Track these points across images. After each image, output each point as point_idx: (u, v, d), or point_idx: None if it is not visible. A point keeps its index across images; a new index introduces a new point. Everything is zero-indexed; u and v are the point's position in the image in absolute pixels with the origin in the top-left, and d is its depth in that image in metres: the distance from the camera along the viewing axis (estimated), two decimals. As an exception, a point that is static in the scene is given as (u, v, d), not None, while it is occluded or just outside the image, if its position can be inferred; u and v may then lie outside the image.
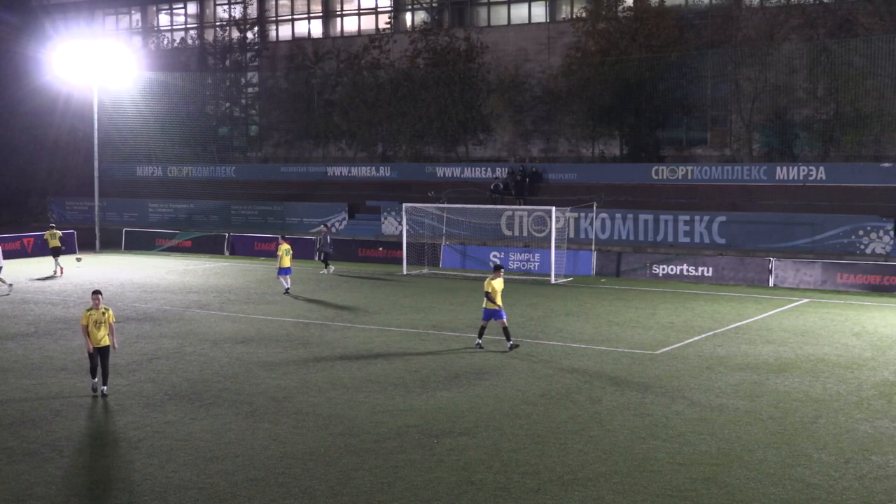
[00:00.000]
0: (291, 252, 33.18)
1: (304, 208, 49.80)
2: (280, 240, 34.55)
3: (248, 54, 61.61)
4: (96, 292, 18.40)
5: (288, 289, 32.56)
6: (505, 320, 22.67)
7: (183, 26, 66.46)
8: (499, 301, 22.50)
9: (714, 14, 47.80)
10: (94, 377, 18.22)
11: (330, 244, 39.05)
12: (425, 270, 39.02)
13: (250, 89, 63.02)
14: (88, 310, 18.22)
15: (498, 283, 22.61)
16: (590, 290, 33.67)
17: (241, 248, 45.34)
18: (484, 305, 22.74)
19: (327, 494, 13.07)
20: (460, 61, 51.73)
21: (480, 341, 22.95)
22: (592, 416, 16.95)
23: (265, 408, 17.48)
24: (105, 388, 18.09)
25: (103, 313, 18.13)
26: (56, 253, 37.82)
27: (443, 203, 42.12)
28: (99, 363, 18.08)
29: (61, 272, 37.28)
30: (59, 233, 38.89)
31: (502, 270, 23.50)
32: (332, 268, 38.49)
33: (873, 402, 17.93)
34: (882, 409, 17.44)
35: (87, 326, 18.02)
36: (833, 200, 39.00)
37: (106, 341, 18.13)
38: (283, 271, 32.67)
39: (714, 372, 20.37)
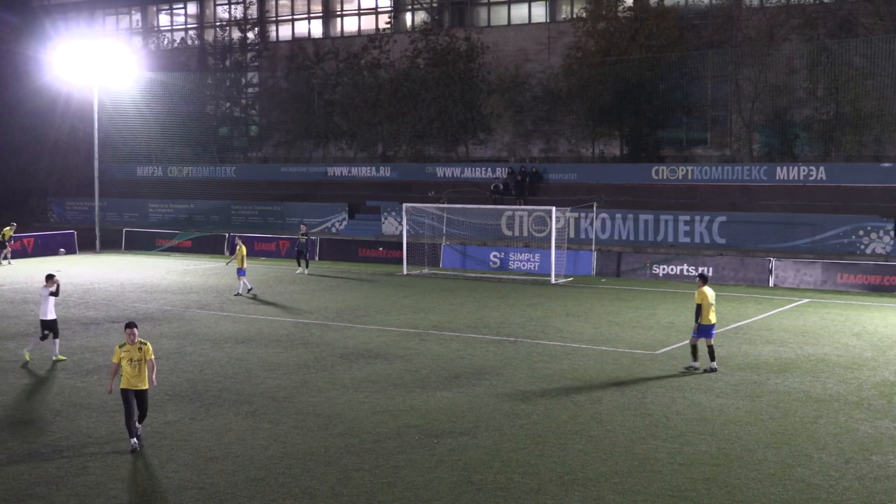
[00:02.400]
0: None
1: (304, 208, 49.78)
2: (237, 240, 34.03)
3: (249, 54, 61.62)
4: (131, 325, 15.30)
5: (240, 293, 31.88)
6: (713, 340, 20.46)
7: (183, 26, 66.48)
8: (710, 316, 20.20)
9: (714, 14, 47.81)
10: (131, 434, 14.99)
11: (305, 244, 38.48)
12: (425, 270, 39.01)
13: (250, 89, 63.05)
14: (122, 345, 15.18)
15: (703, 297, 20.16)
16: (590, 290, 33.67)
17: (241, 249, 45.27)
18: (702, 322, 20.20)
19: (327, 494, 13.07)
20: (460, 61, 51.74)
21: (696, 364, 20.38)
22: (592, 416, 16.94)
23: (265, 408, 17.47)
24: (140, 426, 15.24)
25: (140, 348, 15.07)
26: (2, 247, 41.83)
27: (443, 203, 42.13)
28: (135, 407, 15.08)
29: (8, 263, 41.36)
30: (10, 232, 42.18)
31: (706, 281, 20.60)
32: (305, 270, 38.06)
33: (873, 402, 17.93)
34: (882, 409, 17.44)
35: (120, 365, 15.12)
36: (833, 200, 39.01)
37: (144, 384, 15.17)
38: (241, 272, 32.20)
39: (714, 372, 20.36)
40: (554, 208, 36.74)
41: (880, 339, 24.21)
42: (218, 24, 62.90)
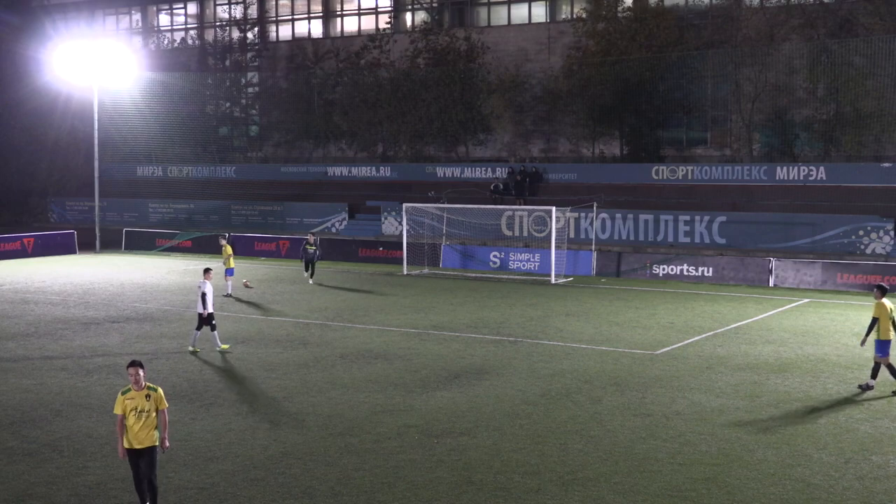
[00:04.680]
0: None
1: (304, 208, 49.78)
2: (222, 240, 33.48)
3: (249, 54, 61.62)
4: (135, 364, 12.04)
5: (230, 293, 31.64)
6: (888, 357, 18.72)
7: (183, 26, 66.46)
8: (889, 331, 18.66)
9: (714, 14, 47.77)
10: (142, 500, 12.13)
11: (313, 255, 35.84)
12: (425, 270, 39.01)
13: (250, 89, 63.03)
14: (125, 392, 11.98)
15: (882, 310, 18.73)
16: (590, 290, 33.67)
17: (241, 248, 45.18)
18: (880, 337, 18.69)
19: (327, 494, 13.06)
20: (460, 61, 51.75)
21: (872, 383, 18.73)
22: (592, 416, 16.94)
23: (265, 408, 17.47)
24: None
25: (147, 396, 11.91)
26: None
27: (443, 203, 42.12)
28: (143, 473, 12.01)
29: None
30: None
31: (885, 292, 19.13)
32: (310, 278, 36.07)
33: (873, 402, 17.94)
34: (882, 409, 17.44)
35: (124, 417, 11.90)
36: (833, 200, 39.00)
37: (152, 439, 11.95)
38: (230, 272, 31.87)
39: (714, 372, 20.36)
40: (554, 208, 36.75)
41: (880, 339, 24.17)
42: (218, 24, 62.89)
